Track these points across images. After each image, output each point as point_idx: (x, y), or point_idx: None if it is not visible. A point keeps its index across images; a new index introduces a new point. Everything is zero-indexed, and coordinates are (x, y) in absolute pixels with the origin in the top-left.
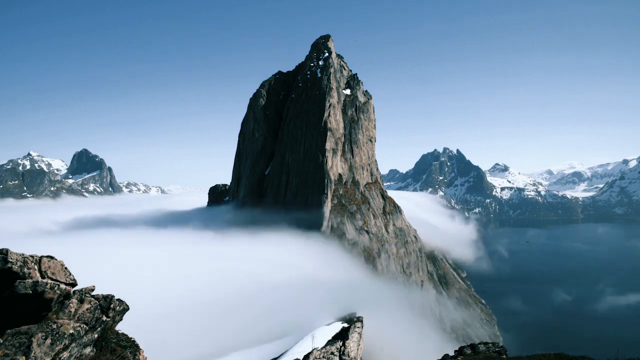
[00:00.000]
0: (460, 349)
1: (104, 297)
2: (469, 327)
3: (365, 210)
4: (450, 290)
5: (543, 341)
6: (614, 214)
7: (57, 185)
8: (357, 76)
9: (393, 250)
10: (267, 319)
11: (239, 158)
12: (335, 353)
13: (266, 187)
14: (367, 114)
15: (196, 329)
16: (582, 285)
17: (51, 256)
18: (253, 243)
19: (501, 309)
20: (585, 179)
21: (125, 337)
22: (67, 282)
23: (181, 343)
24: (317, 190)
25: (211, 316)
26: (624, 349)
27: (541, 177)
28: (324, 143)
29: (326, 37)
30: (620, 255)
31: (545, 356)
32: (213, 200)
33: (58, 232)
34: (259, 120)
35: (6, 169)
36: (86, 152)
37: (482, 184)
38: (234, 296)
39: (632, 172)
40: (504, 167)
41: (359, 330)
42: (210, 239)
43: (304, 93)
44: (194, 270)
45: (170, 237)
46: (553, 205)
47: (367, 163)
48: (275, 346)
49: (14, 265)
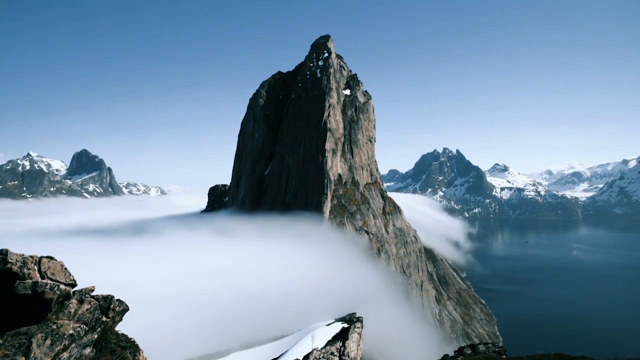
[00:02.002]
0: (460, 349)
1: (104, 298)
2: (469, 327)
3: (365, 211)
4: (450, 290)
5: (543, 341)
6: (614, 214)
7: (57, 185)
8: (356, 76)
9: (393, 250)
10: (267, 319)
11: (238, 158)
12: (335, 353)
13: (266, 188)
14: (366, 114)
15: (196, 329)
16: (582, 285)
17: (51, 257)
18: (252, 243)
19: (501, 309)
20: (585, 179)
21: (125, 337)
22: (66, 282)
23: (181, 343)
24: (317, 191)
25: (211, 316)
26: (624, 349)
27: (541, 177)
28: (323, 143)
29: (326, 37)
30: (619, 255)
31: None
32: (213, 201)
33: (58, 233)
34: (258, 120)
35: (6, 169)
36: (86, 153)
37: (482, 184)
38: (234, 296)
39: (631, 172)
40: (503, 167)
41: (358, 331)
42: (209, 239)
43: (303, 93)
44: (193, 270)
45: (170, 238)
46: (553, 206)
47: (366, 163)
48: (275, 346)
49: (14, 266)
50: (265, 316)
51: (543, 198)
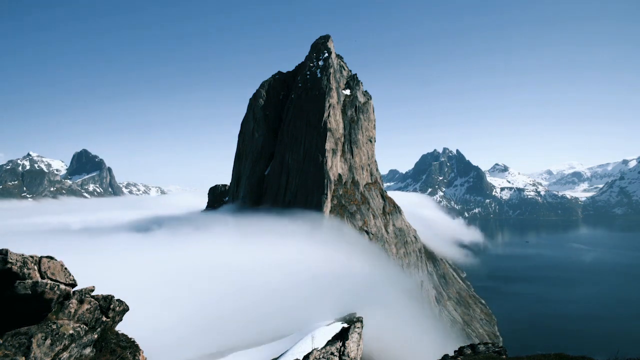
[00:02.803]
0: (460, 349)
1: (104, 298)
2: (469, 327)
3: (365, 211)
4: (450, 290)
5: (543, 341)
6: (614, 214)
7: (57, 185)
8: (356, 76)
9: (393, 250)
10: (267, 319)
11: (238, 158)
12: (335, 353)
13: (266, 188)
14: (366, 114)
15: (196, 329)
16: (582, 285)
17: (51, 256)
18: (252, 243)
19: (501, 309)
20: (585, 179)
21: (125, 337)
22: (66, 282)
23: (181, 343)
24: (317, 191)
25: (211, 316)
26: (624, 349)
27: (541, 177)
28: (323, 143)
29: (326, 37)
30: (620, 255)
31: (545, 356)
32: (213, 201)
33: (58, 233)
34: (258, 120)
35: (6, 169)
36: (86, 153)
37: (482, 184)
38: (234, 296)
39: (631, 172)
40: (503, 167)
41: (358, 331)
42: (209, 239)
43: (303, 93)
44: (193, 270)
45: (170, 238)
46: (553, 206)
47: (366, 163)
48: (275, 346)
49: (14, 266)
50: (266, 316)
51: (543, 198)
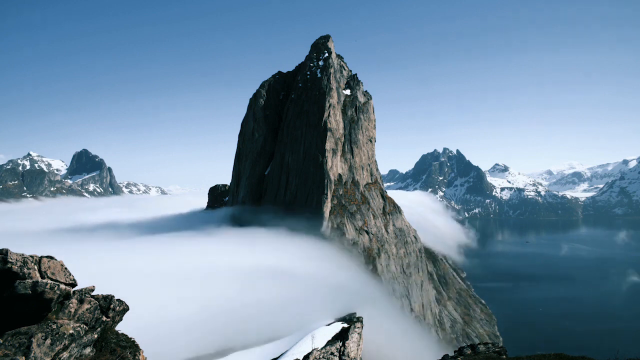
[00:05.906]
0: (460, 349)
1: (104, 298)
2: (469, 327)
3: (365, 211)
4: (450, 290)
5: (543, 341)
6: (614, 214)
7: (57, 185)
8: (357, 76)
9: (393, 250)
10: (267, 319)
11: (238, 158)
12: (335, 353)
13: (266, 188)
14: (367, 114)
15: (196, 329)
16: (582, 285)
17: (51, 256)
18: (253, 243)
19: (501, 309)
20: (585, 179)
21: (125, 337)
22: (67, 282)
23: (181, 343)
24: (317, 191)
25: (211, 317)
26: (624, 349)
27: (541, 177)
28: (323, 143)
29: (326, 37)
30: (620, 255)
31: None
32: (213, 201)
33: (58, 233)
34: (258, 120)
35: (6, 169)
36: (86, 152)
37: (482, 184)
38: (234, 296)
39: (632, 172)
40: (503, 167)
41: (358, 331)
42: (210, 239)
43: (303, 93)
44: (193, 270)
45: (170, 238)
46: (553, 206)
47: (367, 163)
48: (275, 346)
49: (14, 266)
50: (266, 316)
51: (543, 198)
